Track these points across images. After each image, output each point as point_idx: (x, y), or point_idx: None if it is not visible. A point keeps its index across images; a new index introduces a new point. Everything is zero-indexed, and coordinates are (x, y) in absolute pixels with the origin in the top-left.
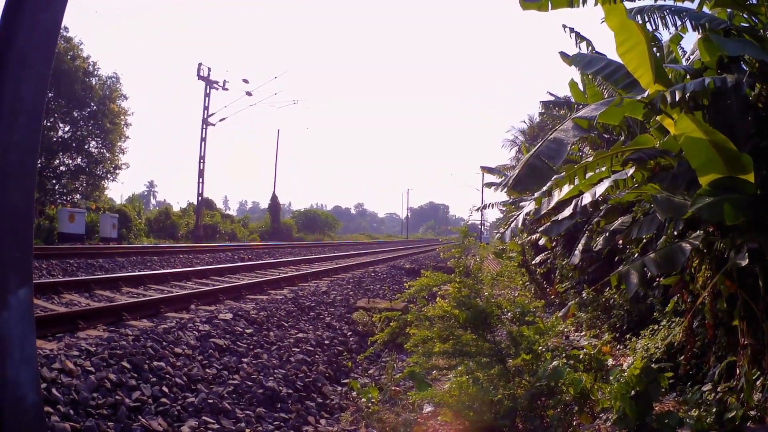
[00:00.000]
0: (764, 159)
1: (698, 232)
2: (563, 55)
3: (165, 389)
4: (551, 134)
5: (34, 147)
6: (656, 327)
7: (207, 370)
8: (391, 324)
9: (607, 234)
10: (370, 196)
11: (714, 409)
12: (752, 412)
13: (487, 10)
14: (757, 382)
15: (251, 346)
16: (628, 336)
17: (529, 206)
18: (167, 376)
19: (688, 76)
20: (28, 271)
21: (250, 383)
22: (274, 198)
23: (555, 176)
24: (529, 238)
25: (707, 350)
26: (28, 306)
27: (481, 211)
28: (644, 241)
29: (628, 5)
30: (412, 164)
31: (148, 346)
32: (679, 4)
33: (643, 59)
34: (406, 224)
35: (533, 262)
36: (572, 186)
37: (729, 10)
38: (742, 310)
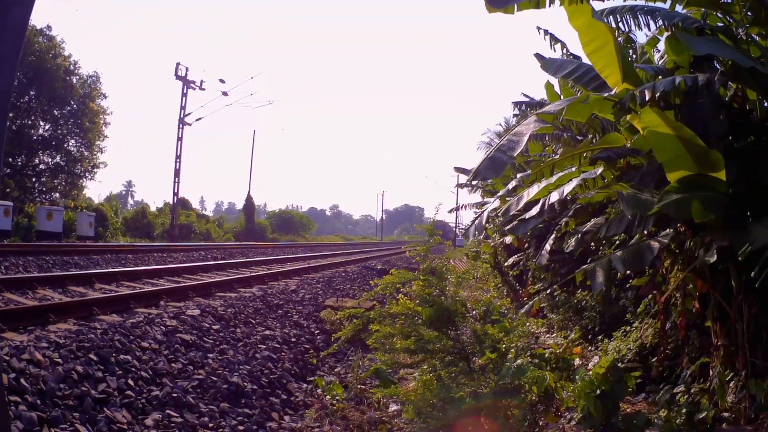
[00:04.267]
0: (737, 158)
1: (668, 230)
2: (539, 57)
3: (130, 382)
4: (513, 129)
5: (1, 134)
6: (628, 328)
7: (172, 365)
8: (354, 321)
9: (579, 235)
10: (346, 197)
11: (684, 410)
12: (726, 414)
13: (463, 10)
14: (731, 384)
15: (217, 342)
16: (600, 338)
17: (493, 203)
18: (133, 369)
19: (660, 77)
20: None
21: (214, 378)
22: (248, 198)
23: (520, 174)
24: (501, 239)
25: (680, 352)
26: None
27: (456, 212)
28: (617, 242)
29: (599, 6)
30: (388, 166)
31: (116, 339)
32: (651, 4)
33: (611, 58)
34: (380, 226)
35: (506, 264)
36: (542, 186)
37: (703, 9)
38: (716, 311)
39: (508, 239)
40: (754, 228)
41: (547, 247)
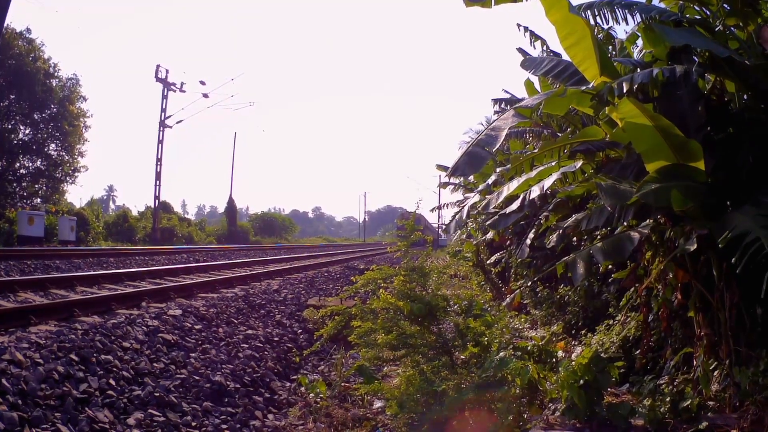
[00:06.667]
0: (716, 149)
1: (648, 221)
2: (521, 51)
3: (112, 382)
4: (492, 124)
5: None
6: (611, 322)
7: (154, 364)
8: (336, 318)
9: (560, 231)
10: (328, 199)
11: (668, 399)
12: (711, 403)
13: (445, 10)
14: (715, 372)
15: (200, 342)
16: (583, 332)
17: (473, 198)
18: (115, 369)
19: (638, 69)
20: None
21: (197, 377)
22: (230, 201)
23: (500, 168)
24: (484, 237)
25: (663, 343)
26: None
27: (438, 212)
28: (598, 236)
29: (576, 0)
30: (370, 168)
31: (97, 339)
32: None
33: (589, 52)
34: (363, 227)
35: (488, 262)
36: (522, 181)
37: (681, 2)
38: (698, 301)
39: (490, 235)
40: (734, 216)
41: (528, 241)
